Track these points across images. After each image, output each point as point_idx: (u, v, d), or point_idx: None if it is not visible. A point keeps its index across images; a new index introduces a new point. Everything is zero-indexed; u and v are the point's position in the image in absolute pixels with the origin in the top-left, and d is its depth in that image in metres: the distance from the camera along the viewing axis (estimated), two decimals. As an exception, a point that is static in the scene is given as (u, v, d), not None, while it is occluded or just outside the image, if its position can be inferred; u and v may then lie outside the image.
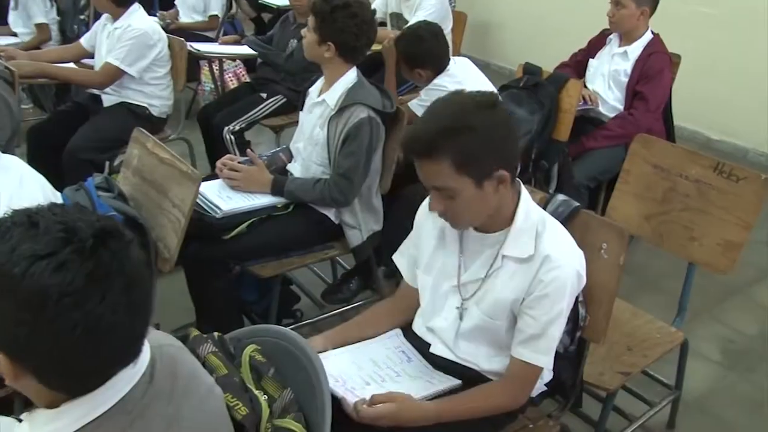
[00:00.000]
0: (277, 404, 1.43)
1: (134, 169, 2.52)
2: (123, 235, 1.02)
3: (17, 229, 0.96)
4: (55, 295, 0.93)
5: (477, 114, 1.59)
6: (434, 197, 1.68)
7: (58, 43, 4.97)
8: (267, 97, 3.92)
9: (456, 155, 1.57)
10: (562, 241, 1.73)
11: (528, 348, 1.71)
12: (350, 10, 2.50)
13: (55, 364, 1.00)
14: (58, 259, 0.94)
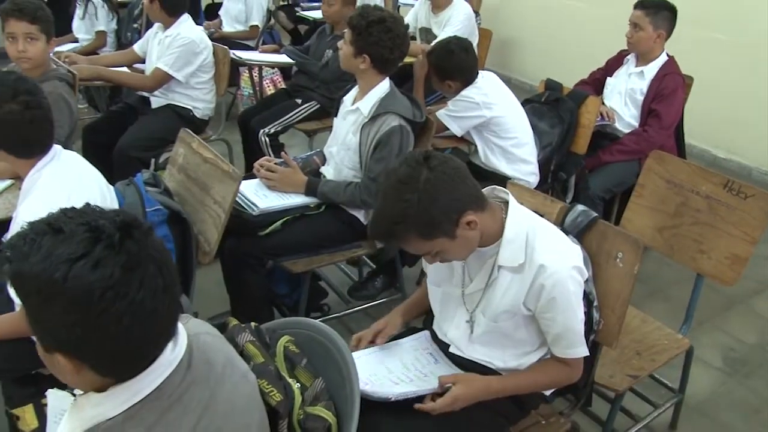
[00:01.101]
0: (308, 392, 1.43)
1: (179, 166, 2.53)
2: (142, 224, 1.03)
3: (44, 237, 0.97)
4: (98, 291, 0.94)
5: (414, 186, 1.55)
6: (425, 257, 1.73)
7: (114, 48, 5.05)
8: (302, 103, 3.93)
9: (417, 231, 1.59)
10: (552, 244, 1.70)
11: (559, 346, 1.74)
12: (385, 24, 2.49)
13: (109, 354, 1.01)
14: (93, 257, 0.95)
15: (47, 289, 0.95)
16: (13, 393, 2.15)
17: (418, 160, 1.58)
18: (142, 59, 3.94)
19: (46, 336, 1.02)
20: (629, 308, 1.90)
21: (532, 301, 1.69)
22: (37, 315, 1.00)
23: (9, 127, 1.90)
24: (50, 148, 2.01)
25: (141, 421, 1.04)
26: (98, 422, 1.04)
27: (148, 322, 1.00)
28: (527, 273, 1.67)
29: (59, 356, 1.00)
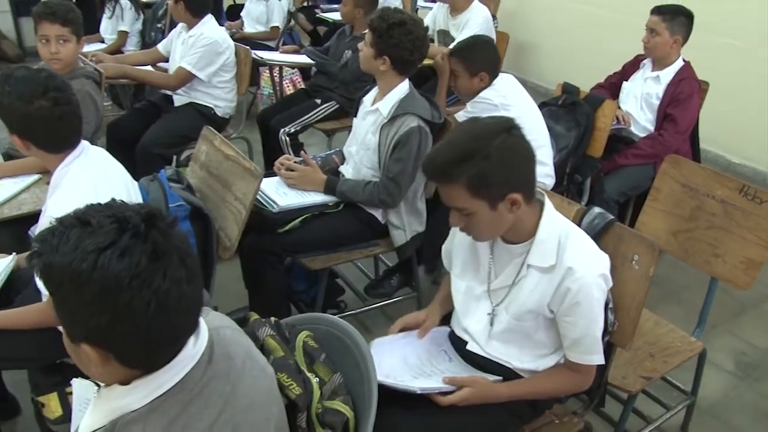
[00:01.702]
0: (327, 387, 1.44)
1: (202, 163, 2.54)
2: (165, 216, 1.04)
3: (72, 230, 0.98)
4: (126, 279, 0.95)
5: (490, 141, 1.55)
6: (453, 215, 1.68)
7: (138, 48, 5.10)
8: (321, 103, 3.94)
9: (470, 181, 1.56)
10: (584, 250, 1.70)
11: (576, 351, 1.72)
12: (406, 27, 2.49)
13: (135, 343, 1.01)
14: (119, 246, 0.96)
15: (76, 279, 0.95)
16: (39, 381, 2.17)
17: (504, 125, 1.58)
18: (166, 58, 3.97)
19: (73, 326, 1.03)
20: (643, 311, 1.89)
21: (556, 303, 1.68)
22: (65, 305, 1.01)
23: (39, 122, 1.92)
24: (78, 144, 2.03)
25: (164, 414, 1.04)
26: (122, 414, 1.05)
27: (172, 311, 1.01)
28: (556, 274, 1.66)
29: (86, 347, 1.01)
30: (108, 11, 5.20)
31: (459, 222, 1.67)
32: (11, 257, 2.26)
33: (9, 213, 2.56)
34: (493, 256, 1.80)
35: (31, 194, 2.66)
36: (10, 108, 1.91)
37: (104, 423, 1.07)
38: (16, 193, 2.65)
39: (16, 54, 7.30)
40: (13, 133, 1.97)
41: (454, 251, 1.92)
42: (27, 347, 2.05)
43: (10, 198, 2.62)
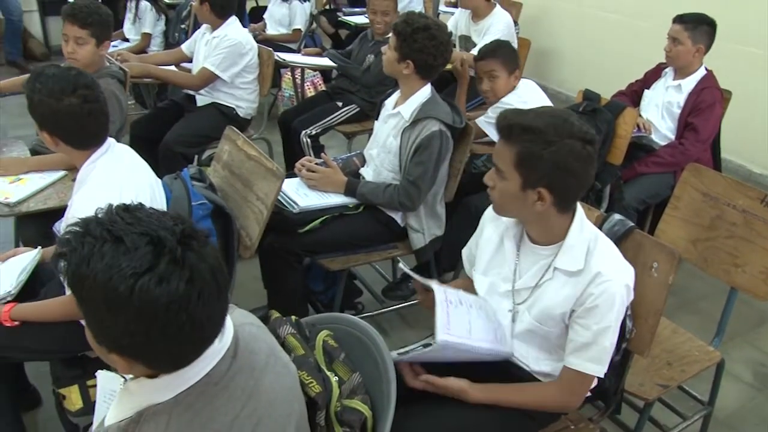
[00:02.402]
0: (346, 386, 1.45)
1: (224, 163, 2.57)
2: (199, 234, 1.04)
3: (104, 245, 0.98)
4: (163, 305, 0.96)
5: (562, 137, 1.57)
6: (491, 172, 1.70)
7: (162, 48, 5.15)
8: (342, 106, 3.95)
9: (521, 152, 1.59)
10: (612, 258, 1.70)
11: (578, 357, 1.69)
12: (430, 32, 2.50)
13: (165, 355, 1.04)
14: (158, 273, 0.96)
15: (111, 300, 0.96)
16: (61, 373, 2.20)
17: (585, 135, 1.59)
18: (190, 59, 4.01)
19: (101, 337, 1.04)
20: (661, 318, 1.89)
21: (577, 306, 1.68)
22: (95, 317, 1.02)
23: (68, 119, 1.95)
24: (105, 141, 2.07)
25: (189, 407, 1.06)
26: (148, 406, 1.07)
27: (204, 325, 1.04)
28: (582, 279, 1.66)
29: (114, 355, 1.03)
30: (130, 13, 5.25)
31: (491, 180, 1.69)
32: (37, 251, 2.30)
33: (35, 207, 2.61)
34: (519, 256, 1.80)
35: (57, 189, 2.71)
36: (40, 104, 1.95)
37: (130, 414, 1.08)
38: (42, 188, 2.69)
39: (42, 52, 7.39)
40: (42, 130, 2.00)
41: (480, 248, 1.92)
42: (50, 339, 2.08)
43: (36, 192, 2.66)
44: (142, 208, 1.06)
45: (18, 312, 2.04)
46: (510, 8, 4.83)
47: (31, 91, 1.96)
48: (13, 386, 2.24)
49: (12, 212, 2.61)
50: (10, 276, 2.17)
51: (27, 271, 2.18)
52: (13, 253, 2.35)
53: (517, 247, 1.81)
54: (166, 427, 1.04)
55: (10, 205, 2.59)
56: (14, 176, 2.77)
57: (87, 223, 1.02)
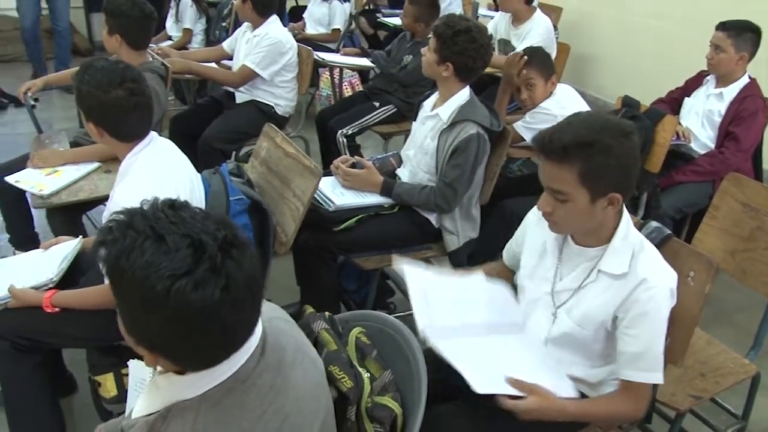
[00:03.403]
0: (377, 383, 1.46)
1: (262, 159, 2.60)
2: (240, 241, 1.04)
3: (146, 241, 0.98)
4: (197, 310, 0.97)
5: (616, 137, 1.55)
6: (546, 197, 1.65)
7: (203, 46, 5.23)
8: (379, 106, 3.98)
9: (584, 167, 1.55)
10: (656, 263, 1.68)
11: (633, 368, 1.65)
12: (471, 34, 2.50)
13: (192, 356, 1.06)
14: (195, 278, 0.97)
15: (147, 298, 0.97)
16: (97, 361, 2.24)
17: (625, 129, 1.58)
18: (230, 56, 4.06)
19: (135, 331, 1.05)
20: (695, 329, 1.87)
21: (621, 313, 1.65)
22: (131, 313, 1.03)
23: (114, 110, 2.00)
24: (148, 134, 2.11)
25: (216, 404, 1.08)
26: (176, 401, 1.09)
27: (235, 332, 1.06)
28: (627, 283, 1.64)
29: (142, 348, 1.05)
30: (172, 10, 5.35)
31: (548, 206, 1.64)
32: (78, 240, 2.35)
33: (66, 199, 2.68)
34: (560, 258, 1.79)
35: (89, 181, 2.77)
36: (88, 96, 1.99)
37: (159, 408, 1.10)
38: (75, 180, 2.76)
39: (86, 48, 7.55)
40: (88, 121, 2.05)
41: (525, 253, 1.90)
42: (88, 327, 2.13)
43: (69, 185, 2.73)
44: (187, 207, 1.07)
45: (59, 299, 2.09)
46: (550, 13, 4.80)
47: (80, 82, 2.01)
48: (52, 372, 2.29)
49: (44, 204, 2.68)
50: (52, 263, 2.22)
51: (68, 260, 2.23)
52: (55, 241, 2.40)
53: (559, 249, 1.79)
54: (193, 424, 1.05)
55: (43, 197, 2.66)
56: (51, 168, 2.84)
57: (132, 215, 1.02)
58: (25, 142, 4.95)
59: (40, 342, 2.12)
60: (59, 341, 2.20)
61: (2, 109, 5.75)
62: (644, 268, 1.64)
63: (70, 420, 2.38)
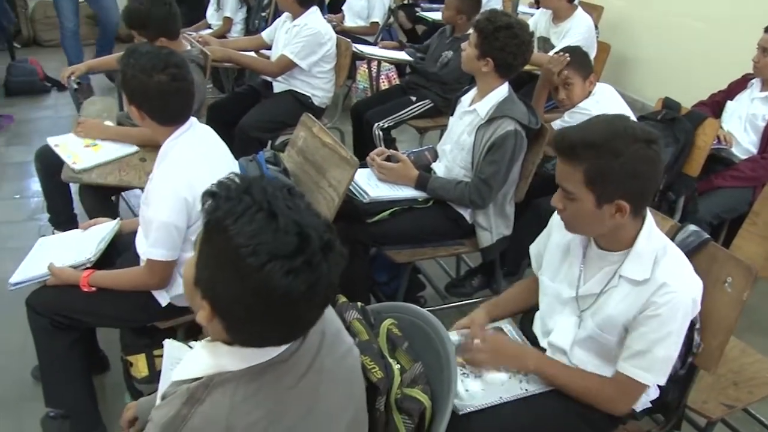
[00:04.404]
0: (407, 375, 1.46)
1: (298, 149, 2.61)
2: (340, 249, 1.05)
3: (258, 213, 0.99)
4: (278, 294, 0.98)
5: (628, 144, 1.53)
6: (558, 194, 1.66)
7: (242, 35, 5.26)
8: (416, 101, 3.97)
9: (590, 170, 1.55)
10: (680, 269, 1.66)
11: (630, 363, 1.65)
12: (512, 30, 2.49)
13: (249, 332, 1.06)
14: (291, 264, 0.97)
15: (237, 266, 0.97)
16: (130, 341, 2.29)
17: (647, 136, 1.56)
18: (269, 46, 4.07)
19: (206, 287, 1.05)
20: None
21: (638, 314, 1.64)
22: (212, 271, 1.03)
23: (156, 95, 2.03)
24: (188, 119, 2.14)
25: (256, 378, 1.09)
26: (218, 372, 1.10)
27: (298, 325, 1.07)
28: (647, 289, 1.63)
29: (205, 303, 1.05)
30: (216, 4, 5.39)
31: (559, 203, 1.66)
32: (116, 222, 2.39)
33: (95, 179, 2.73)
34: (584, 261, 1.78)
35: (120, 166, 2.80)
36: (132, 79, 2.03)
37: (200, 375, 1.11)
38: (110, 160, 2.79)
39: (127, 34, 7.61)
40: (131, 104, 2.09)
41: (548, 253, 1.91)
42: (122, 308, 2.17)
43: (102, 164, 2.76)
44: (302, 198, 1.08)
45: (96, 279, 2.13)
46: (591, 12, 4.74)
47: (125, 66, 2.04)
48: (86, 350, 2.34)
49: (74, 178, 2.72)
50: (91, 244, 2.26)
51: (106, 241, 2.28)
52: (94, 222, 2.45)
53: (583, 252, 1.79)
54: (233, 394, 1.07)
55: (75, 171, 2.69)
56: (91, 141, 2.88)
57: (252, 182, 1.03)
58: (67, 125, 5.07)
59: (76, 320, 2.16)
60: (95, 320, 2.24)
61: (45, 93, 5.87)
62: (665, 273, 1.62)
63: (102, 397, 2.43)
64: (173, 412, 1.06)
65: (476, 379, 1.78)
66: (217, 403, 1.06)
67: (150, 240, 2.05)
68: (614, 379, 1.71)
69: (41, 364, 2.28)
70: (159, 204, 2.03)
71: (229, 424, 1.05)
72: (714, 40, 5.44)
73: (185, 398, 1.07)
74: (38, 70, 5.90)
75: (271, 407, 1.09)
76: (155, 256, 2.05)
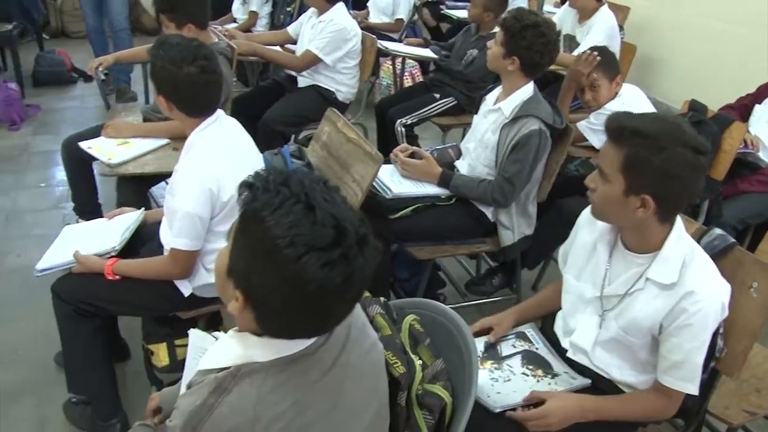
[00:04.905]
0: (429, 371, 1.46)
1: (323, 143, 2.62)
2: (375, 244, 1.05)
3: (296, 205, 0.99)
4: (314, 286, 0.98)
5: (675, 144, 1.52)
6: (594, 174, 1.67)
7: (267, 29, 5.29)
8: (440, 98, 3.96)
9: (630, 156, 1.55)
10: (708, 274, 1.64)
11: (672, 376, 1.65)
12: (539, 29, 2.47)
13: (280, 323, 1.07)
14: (328, 257, 0.98)
15: (274, 257, 0.98)
16: (152, 330, 2.31)
17: (697, 145, 1.54)
18: (294, 40, 4.09)
19: (240, 277, 1.05)
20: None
21: (667, 321, 1.63)
22: (247, 261, 1.03)
23: (185, 86, 2.04)
24: (215, 112, 2.15)
25: (284, 371, 1.09)
26: (246, 362, 1.10)
27: (329, 318, 1.07)
28: (674, 293, 1.62)
29: (239, 293, 1.05)
30: None
31: (592, 183, 1.67)
32: (140, 212, 2.41)
33: (133, 170, 2.77)
34: (610, 261, 1.77)
35: (156, 156, 2.85)
36: (161, 71, 2.04)
37: (227, 365, 1.12)
38: (144, 153, 2.83)
39: (153, 27, 7.69)
40: (160, 94, 2.11)
41: (573, 252, 1.90)
42: (146, 297, 2.19)
43: (137, 157, 2.80)
44: (338, 191, 1.08)
45: (120, 267, 2.15)
46: (617, 12, 4.69)
47: (154, 57, 2.06)
48: (108, 338, 2.36)
49: (111, 172, 2.77)
50: (116, 233, 2.29)
51: (130, 230, 2.30)
52: (119, 212, 2.48)
53: (609, 253, 1.77)
54: (260, 384, 1.07)
55: (111, 165, 2.74)
56: (122, 139, 2.92)
57: (289, 175, 1.04)
58: (93, 115, 5.13)
59: (100, 308, 2.19)
60: (118, 308, 2.27)
61: (72, 83, 5.93)
62: (694, 279, 1.61)
63: (122, 385, 2.45)
64: (200, 401, 1.07)
65: (506, 383, 1.80)
66: (244, 393, 1.07)
67: (174, 230, 2.07)
68: (658, 391, 1.70)
69: (65, 351, 2.31)
70: (184, 194, 2.04)
71: (255, 415, 1.05)
72: (742, 43, 5.37)
73: (213, 387, 1.08)
74: (66, 61, 5.97)
75: (297, 399, 1.09)
76: (179, 246, 2.07)
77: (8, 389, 2.56)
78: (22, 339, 2.80)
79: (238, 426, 1.05)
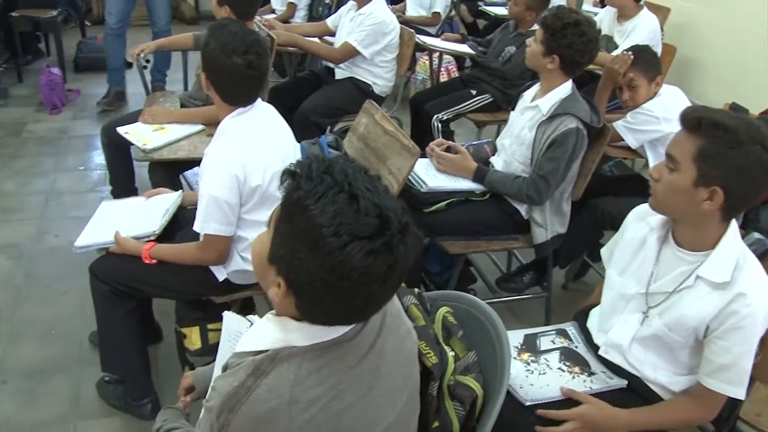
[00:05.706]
0: (461, 362, 1.46)
1: (360, 135, 2.63)
2: (416, 232, 1.06)
3: (339, 194, 0.99)
4: (357, 274, 0.99)
5: (752, 142, 1.50)
6: (660, 164, 1.64)
7: (306, 21, 5.30)
8: (476, 95, 3.94)
9: (705, 147, 1.53)
10: (760, 277, 1.61)
11: (718, 379, 1.62)
12: (580, 28, 2.45)
13: (320, 310, 1.07)
14: (371, 246, 0.98)
15: (318, 245, 0.99)
16: (184, 314, 2.34)
17: None
18: (333, 33, 4.11)
19: (282, 263, 1.06)
20: (789, 351, 1.79)
21: (715, 323, 1.60)
22: (291, 249, 1.03)
23: (229, 76, 2.06)
24: (251, 103, 2.16)
25: (321, 354, 1.10)
26: (284, 346, 1.11)
27: (370, 305, 1.08)
28: (726, 294, 1.59)
29: (281, 280, 1.06)
30: None
31: (657, 172, 1.64)
32: (179, 194, 2.44)
33: (166, 156, 2.82)
34: (658, 258, 1.74)
35: (190, 142, 2.90)
36: (212, 53, 2.07)
37: (265, 348, 1.13)
38: (179, 139, 2.88)
39: (192, 16, 7.75)
40: (204, 71, 2.13)
41: (621, 247, 1.88)
42: (180, 281, 2.22)
43: (173, 142, 2.86)
44: (380, 180, 1.09)
45: (157, 251, 2.18)
46: (657, 12, 4.63)
47: (209, 37, 2.09)
48: (142, 319, 2.40)
49: (145, 157, 2.82)
50: (155, 216, 2.32)
51: (170, 213, 2.33)
52: (156, 192, 2.51)
53: (659, 249, 1.75)
54: (297, 368, 1.08)
55: (146, 151, 2.79)
56: (158, 125, 2.97)
57: (332, 163, 1.04)
58: (131, 101, 5.19)
59: (135, 290, 2.22)
60: (153, 291, 2.30)
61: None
62: (746, 282, 1.58)
63: (154, 367, 2.49)
64: (238, 383, 1.08)
65: (540, 376, 1.80)
66: (282, 377, 1.08)
67: (202, 214, 2.08)
68: (697, 396, 1.68)
69: (100, 330, 2.35)
70: (210, 178, 2.05)
71: (292, 398, 1.06)
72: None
73: (251, 370, 1.09)
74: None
75: (333, 384, 1.10)
76: (209, 231, 2.08)
77: (44, 366, 2.62)
78: (58, 317, 2.87)
79: (276, 408, 1.06)
